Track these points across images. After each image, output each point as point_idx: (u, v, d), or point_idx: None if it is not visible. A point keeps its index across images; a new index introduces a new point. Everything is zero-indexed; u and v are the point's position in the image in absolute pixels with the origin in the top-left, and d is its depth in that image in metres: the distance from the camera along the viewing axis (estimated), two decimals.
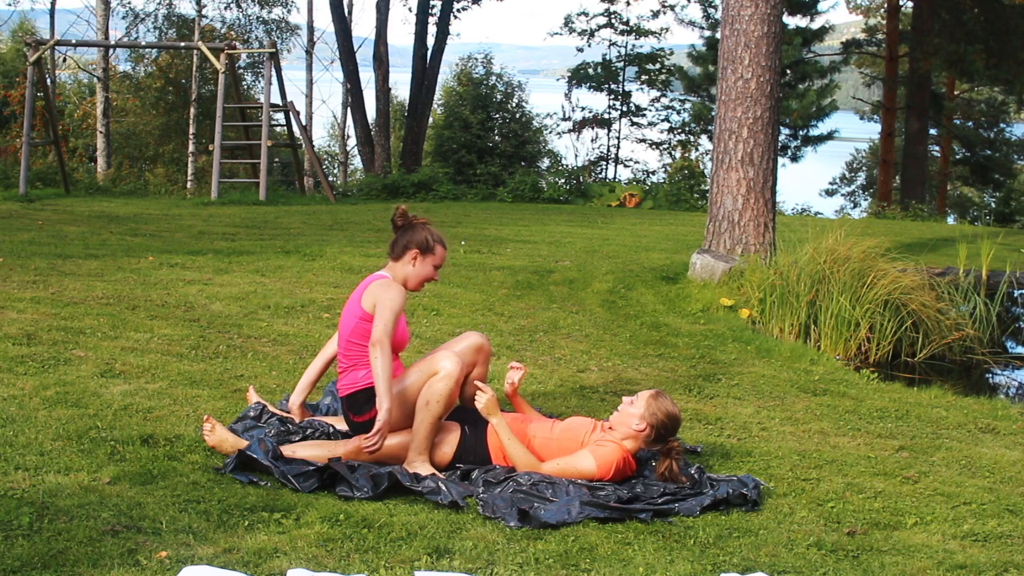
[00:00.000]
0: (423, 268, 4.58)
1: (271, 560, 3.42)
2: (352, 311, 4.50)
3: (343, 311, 4.60)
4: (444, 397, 4.29)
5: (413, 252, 4.56)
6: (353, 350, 4.47)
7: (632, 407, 4.43)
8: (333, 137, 34.73)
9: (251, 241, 10.93)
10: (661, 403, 4.41)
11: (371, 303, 4.42)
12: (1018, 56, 24.47)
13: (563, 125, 27.87)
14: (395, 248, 4.60)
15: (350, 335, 4.47)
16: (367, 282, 4.56)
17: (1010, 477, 4.77)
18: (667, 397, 4.47)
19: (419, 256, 4.56)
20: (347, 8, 26.26)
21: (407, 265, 4.57)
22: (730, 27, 9.29)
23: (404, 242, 4.58)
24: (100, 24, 24.52)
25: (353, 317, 4.48)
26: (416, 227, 4.60)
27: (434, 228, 4.67)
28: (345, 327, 4.51)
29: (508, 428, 4.38)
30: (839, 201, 36.13)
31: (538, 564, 3.55)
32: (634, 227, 14.34)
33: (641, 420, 4.38)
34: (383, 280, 4.52)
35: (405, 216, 4.63)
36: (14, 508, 3.60)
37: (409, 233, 4.59)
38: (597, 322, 7.67)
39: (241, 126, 19.08)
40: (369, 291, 4.46)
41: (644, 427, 4.38)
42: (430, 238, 4.58)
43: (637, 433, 4.39)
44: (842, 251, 7.93)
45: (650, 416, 4.38)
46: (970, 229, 16.73)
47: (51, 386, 5.05)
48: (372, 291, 4.45)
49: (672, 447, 4.39)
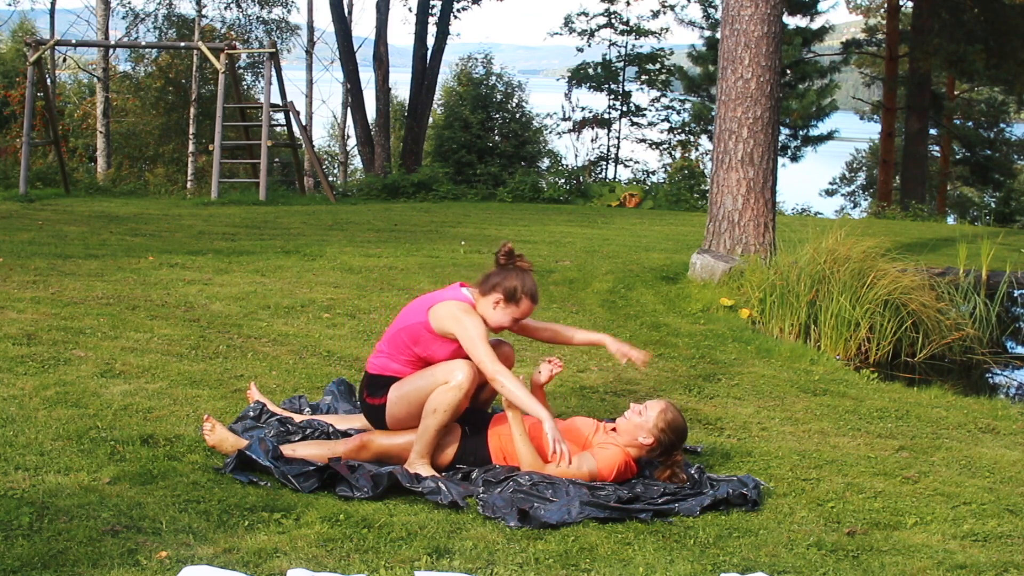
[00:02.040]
0: (502, 316, 4.38)
1: (271, 560, 3.42)
2: (418, 312, 4.37)
3: (413, 302, 4.49)
4: (452, 407, 4.25)
5: (498, 297, 4.36)
6: (398, 343, 4.39)
7: (641, 417, 4.39)
8: (333, 137, 34.74)
9: (251, 241, 10.93)
10: (671, 419, 4.38)
11: (440, 325, 4.28)
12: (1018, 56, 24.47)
13: (563, 125, 27.87)
14: (484, 282, 4.40)
15: (403, 331, 4.38)
16: (451, 295, 4.38)
17: (1010, 477, 4.77)
18: (677, 411, 4.44)
19: (502, 303, 4.37)
20: (347, 8, 26.26)
21: (488, 306, 4.38)
22: (730, 27, 9.29)
23: (494, 282, 4.37)
24: (100, 24, 24.52)
25: (416, 318, 4.36)
26: (515, 272, 4.37)
27: (531, 278, 4.39)
28: (403, 320, 4.41)
29: (523, 424, 4.35)
30: (839, 201, 36.13)
31: (538, 564, 3.55)
32: (634, 227, 14.34)
33: (649, 434, 4.37)
34: (461, 307, 4.32)
35: (509, 256, 4.40)
36: (14, 508, 3.60)
37: (503, 275, 4.36)
38: (597, 322, 7.67)
39: (241, 126, 19.08)
40: (445, 312, 4.29)
41: (651, 441, 4.38)
42: (520, 289, 4.34)
43: (643, 445, 4.39)
44: (842, 251, 7.93)
45: (659, 432, 4.36)
46: (970, 229, 16.73)
47: (51, 386, 5.05)
48: (447, 315, 4.28)
49: (675, 460, 4.39)
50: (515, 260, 4.41)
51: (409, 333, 4.37)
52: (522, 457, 4.33)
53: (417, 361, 4.40)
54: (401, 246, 10.61)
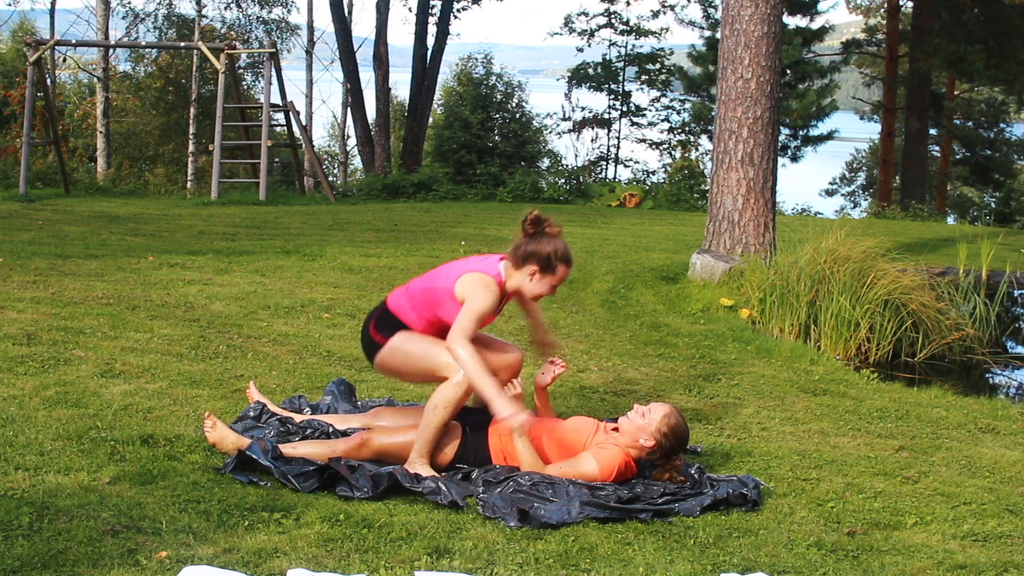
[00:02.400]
0: (539, 286, 4.31)
1: (271, 560, 3.41)
2: (448, 277, 4.32)
3: (450, 264, 4.43)
4: (453, 404, 4.25)
5: (533, 267, 4.28)
6: (422, 299, 4.34)
7: (644, 419, 4.38)
8: (333, 137, 34.73)
9: (251, 241, 10.93)
10: (675, 425, 4.37)
11: (461, 293, 4.24)
12: (1018, 56, 24.47)
13: (563, 125, 27.87)
14: (516, 253, 4.29)
15: (430, 291, 4.34)
16: (483, 267, 4.32)
17: (1010, 477, 4.77)
18: (680, 416, 4.43)
19: (538, 273, 4.28)
20: (347, 8, 26.26)
21: (524, 278, 4.30)
22: (730, 27, 9.29)
23: (526, 252, 4.27)
24: (100, 24, 24.53)
25: (444, 282, 4.31)
26: (545, 239, 4.27)
27: (562, 242, 4.29)
28: (434, 279, 4.36)
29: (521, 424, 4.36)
30: (839, 201, 36.11)
31: (538, 564, 3.55)
32: (634, 227, 14.34)
33: (651, 437, 4.36)
34: (484, 281, 4.26)
35: (537, 223, 4.29)
36: (14, 508, 3.60)
37: (535, 244, 4.26)
38: (597, 322, 7.67)
39: (241, 126, 19.09)
40: (469, 281, 4.25)
41: (653, 444, 4.37)
42: (554, 256, 4.25)
43: (643, 447, 4.39)
44: (842, 251, 7.93)
45: (661, 436, 4.35)
46: (970, 229, 16.73)
47: (51, 386, 5.05)
48: (468, 284, 4.24)
49: (674, 465, 4.40)
50: (543, 227, 4.31)
51: (434, 294, 4.33)
52: (522, 458, 4.33)
53: (435, 322, 4.37)
54: (401, 246, 10.61)
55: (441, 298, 4.31)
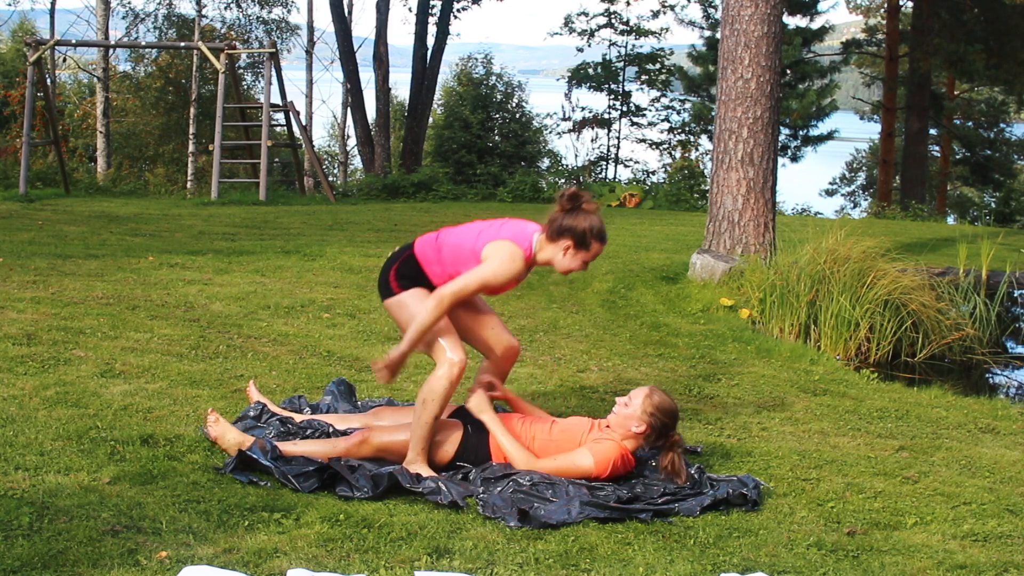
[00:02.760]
0: (572, 261, 4.29)
1: (271, 560, 3.41)
2: (478, 238, 4.31)
3: (487, 224, 4.40)
4: (441, 397, 4.25)
5: (567, 242, 4.25)
6: (449, 254, 4.33)
7: (628, 408, 4.39)
8: (333, 137, 34.74)
9: (251, 241, 10.93)
10: (657, 401, 4.37)
11: (487, 258, 4.24)
12: (1018, 56, 24.47)
13: (563, 125, 27.88)
14: (551, 226, 4.25)
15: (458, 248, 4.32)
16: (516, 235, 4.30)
17: (1010, 477, 4.77)
18: (661, 392, 4.43)
19: (572, 248, 4.27)
20: (347, 8, 26.26)
21: (558, 251, 4.28)
22: (730, 27, 9.29)
23: (562, 226, 4.23)
24: (100, 24, 24.53)
25: (473, 243, 4.29)
26: (581, 215, 4.23)
27: (598, 219, 4.27)
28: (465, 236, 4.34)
29: (501, 425, 4.38)
30: (839, 201, 36.10)
31: (538, 564, 3.55)
32: (634, 227, 14.34)
33: (640, 422, 4.36)
34: (510, 251, 4.23)
35: (574, 199, 4.25)
36: (14, 508, 3.60)
37: (571, 219, 4.22)
38: (597, 322, 7.67)
39: (241, 126, 19.09)
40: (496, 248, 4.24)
41: (644, 427, 4.37)
42: (589, 233, 4.23)
43: (637, 434, 4.39)
44: (842, 251, 7.93)
45: (648, 416, 4.36)
46: (970, 229, 16.73)
47: (51, 386, 5.05)
48: (494, 250, 4.23)
49: (674, 440, 4.38)
50: (580, 202, 4.29)
51: (462, 253, 4.31)
52: (512, 457, 4.33)
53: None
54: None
55: (467, 258, 4.29)
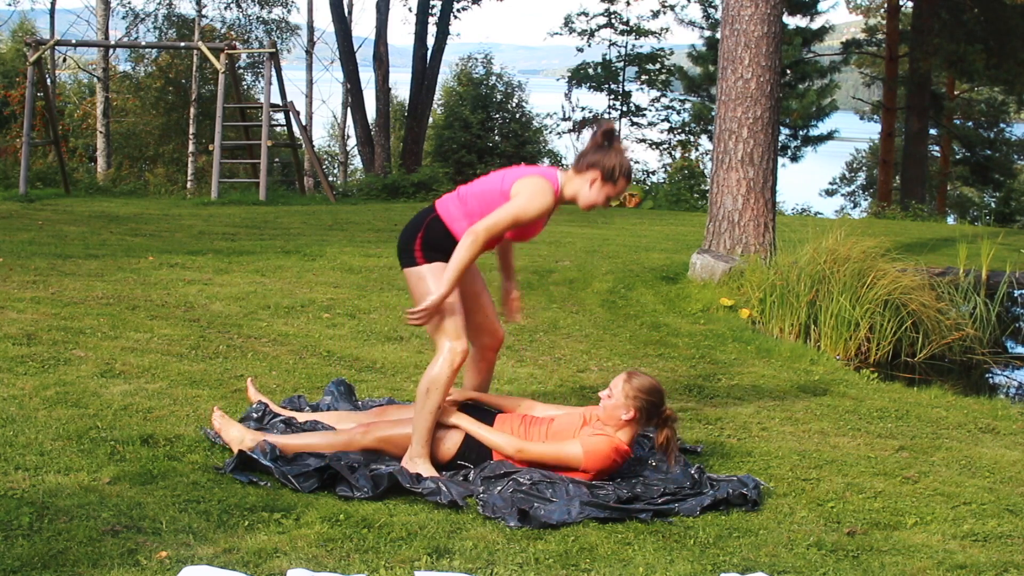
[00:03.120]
0: (598, 194, 4.36)
1: (271, 560, 3.42)
2: (505, 181, 4.32)
3: (507, 170, 4.43)
4: (444, 385, 4.25)
5: (595, 174, 4.32)
6: (471, 204, 4.33)
7: (611, 399, 4.36)
8: (333, 137, 34.74)
9: (251, 241, 10.93)
10: (637, 383, 4.34)
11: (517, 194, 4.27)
12: (1018, 56, 24.47)
13: (563, 125, 27.90)
14: (580, 160, 4.35)
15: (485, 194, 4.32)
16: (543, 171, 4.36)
17: (1010, 477, 4.77)
18: (640, 374, 4.41)
19: (599, 181, 4.32)
20: (347, 8, 26.27)
21: (584, 184, 4.35)
22: (730, 27, 9.29)
23: (592, 160, 4.33)
24: (100, 24, 24.53)
25: (499, 185, 4.31)
26: (613, 152, 4.34)
27: (627, 159, 4.40)
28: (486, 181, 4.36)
29: (471, 420, 4.40)
30: (839, 201, 36.11)
31: (538, 564, 3.55)
32: (634, 227, 14.34)
33: (626, 408, 4.34)
34: (541, 184, 4.28)
35: (609, 136, 4.36)
36: (14, 508, 3.60)
37: (601, 153, 4.33)
38: (597, 322, 7.67)
39: (241, 126, 19.10)
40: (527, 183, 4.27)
41: (632, 413, 4.34)
42: (618, 169, 4.32)
43: (627, 421, 4.36)
44: (842, 251, 7.93)
45: (633, 400, 4.32)
46: (970, 229, 16.73)
47: (51, 386, 5.05)
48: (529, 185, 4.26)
49: (666, 416, 4.37)
50: (614, 141, 4.39)
51: (489, 197, 4.32)
52: (497, 445, 4.33)
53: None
54: None
55: (495, 199, 4.30)
